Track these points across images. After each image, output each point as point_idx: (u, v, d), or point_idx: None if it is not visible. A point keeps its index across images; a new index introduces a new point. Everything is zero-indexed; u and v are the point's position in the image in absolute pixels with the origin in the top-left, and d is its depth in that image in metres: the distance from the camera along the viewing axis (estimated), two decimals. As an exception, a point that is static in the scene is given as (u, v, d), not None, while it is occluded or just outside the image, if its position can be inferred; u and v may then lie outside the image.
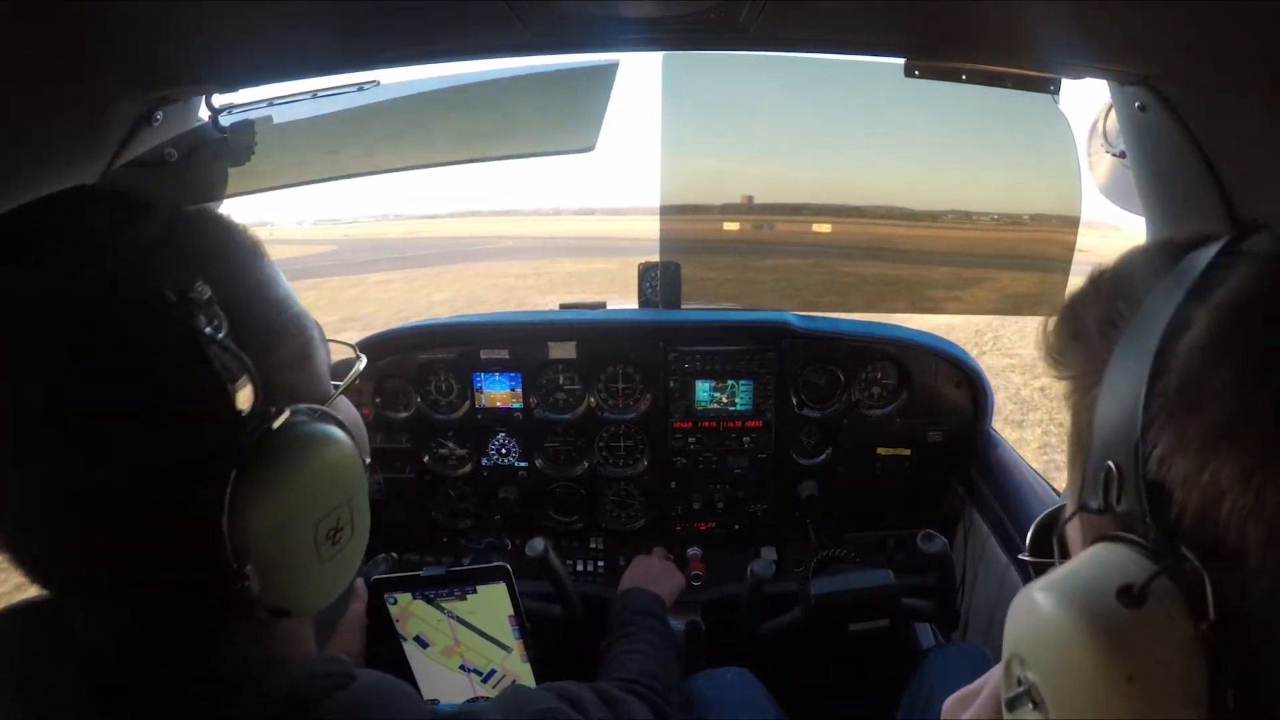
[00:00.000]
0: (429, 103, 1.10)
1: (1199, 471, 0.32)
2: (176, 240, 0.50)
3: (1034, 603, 0.36)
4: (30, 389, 0.44)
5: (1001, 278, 1.96)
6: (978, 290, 1.98)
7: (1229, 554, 0.31)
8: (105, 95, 0.84)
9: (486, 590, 1.22)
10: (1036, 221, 1.78)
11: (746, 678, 1.37)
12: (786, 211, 1.97)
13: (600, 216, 48.56)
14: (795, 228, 1.99)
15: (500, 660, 1.25)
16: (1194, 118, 0.86)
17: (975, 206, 1.85)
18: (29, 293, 0.45)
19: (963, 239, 1.89)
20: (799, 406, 1.79)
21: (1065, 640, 0.34)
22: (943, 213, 1.86)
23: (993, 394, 1.81)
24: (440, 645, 1.25)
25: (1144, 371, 0.34)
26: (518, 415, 1.80)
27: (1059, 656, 0.34)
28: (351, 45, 0.91)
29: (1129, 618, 0.32)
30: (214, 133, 1.00)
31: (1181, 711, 0.31)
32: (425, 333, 1.79)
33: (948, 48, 0.94)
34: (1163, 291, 0.37)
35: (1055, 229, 1.72)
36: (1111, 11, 0.74)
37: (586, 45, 0.96)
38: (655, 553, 1.81)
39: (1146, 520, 0.34)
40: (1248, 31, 0.68)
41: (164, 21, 0.71)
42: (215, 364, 0.46)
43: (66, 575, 0.50)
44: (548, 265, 17.68)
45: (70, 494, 0.46)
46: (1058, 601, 0.35)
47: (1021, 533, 1.45)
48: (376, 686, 0.59)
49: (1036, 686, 0.36)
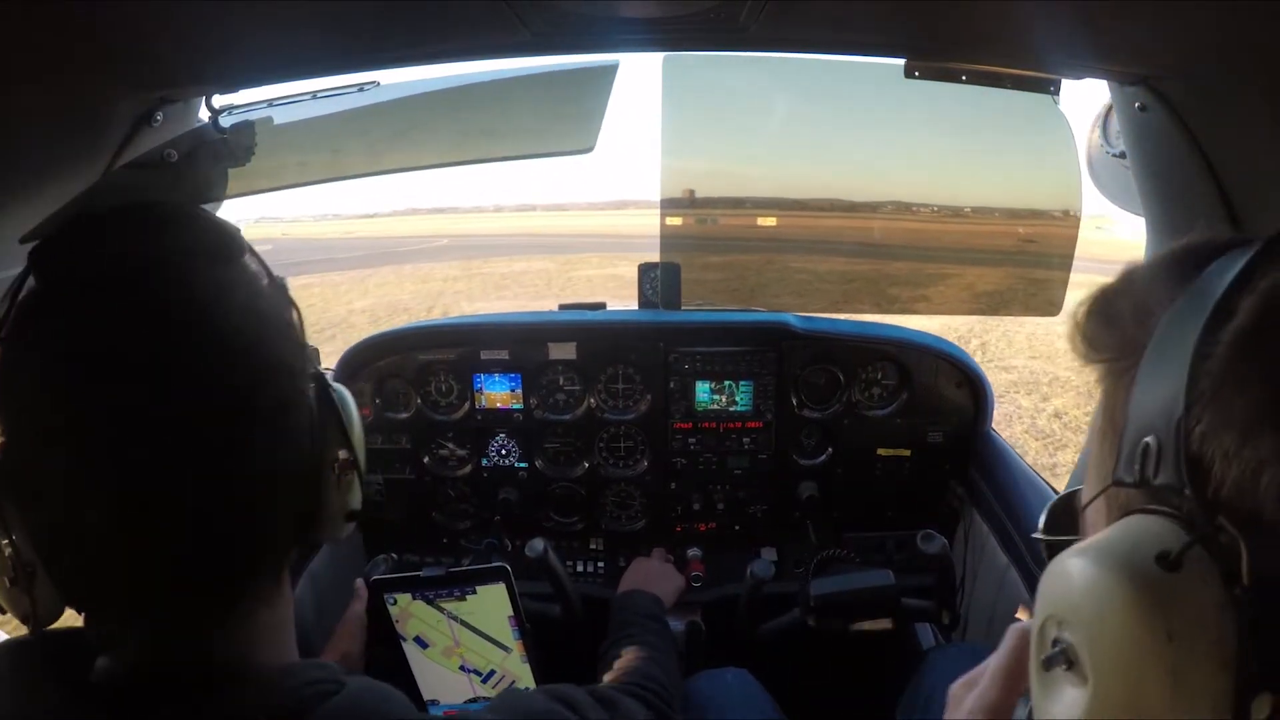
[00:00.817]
0: (429, 103, 1.10)
1: (1241, 446, 0.33)
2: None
3: (1073, 567, 0.38)
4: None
5: (966, 274, 1.95)
6: (944, 288, 1.96)
7: (1266, 524, 0.33)
8: (105, 95, 0.84)
9: (486, 591, 1.21)
10: (1023, 217, 1.76)
11: (746, 678, 1.37)
12: (728, 205, 1.93)
13: (541, 213, 47.28)
14: (740, 221, 1.96)
15: (500, 661, 1.25)
16: (1194, 118, 0.86)
17: (969, 203, 1.83)
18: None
19: (930, 233, 1.86)
20: (799, 407, 1.79)
21: (1106, 601, 0.35)
22: (911, 205, 1.84)
23: (993, 394, 1.81)
24: (440, 646, 1.25)
25: (1188, 353, 0.37)
26: (518, 416, 1.80)
27: (1099, 616, 0.36)
28: (351, 45, 0.91)
29: (1168, 579, 0.34)
30: (214, 133, 1.00)
31: (1213, 674, 0.33)
32: (425, 333, 1.79)
33: (948, 48, 0.94)
34: (1206, 282, 0.40)
35: (1038, 224, 1.71)
36: (1111, 12, 0.74)
37: (586, 45, 0.96)
38: (655, 554, 1.81)
39: (1184, 492, 0.35)
40: (1248, 32, 0.68)
41: (164, 21, 0.71)
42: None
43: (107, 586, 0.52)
44: (480, 266, 16.79)
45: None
46: (1098, 566, 0.36)
47: (1022, 533, 1.45)
48: (367, 692, 0.59)
49: (1073, 647, 0.37)
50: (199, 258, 0.54)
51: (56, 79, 0.73)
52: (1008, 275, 1.85)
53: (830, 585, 1.37)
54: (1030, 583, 1.36)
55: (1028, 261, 1.73)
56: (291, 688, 0.54)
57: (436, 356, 1.77)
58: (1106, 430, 0.44)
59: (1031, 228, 1.72)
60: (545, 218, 41.33)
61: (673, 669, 1.14)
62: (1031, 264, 1.73)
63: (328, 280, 14.29)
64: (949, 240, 1.84)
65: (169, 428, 0.49)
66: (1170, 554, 0.34)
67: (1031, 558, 1.39)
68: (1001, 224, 1.78)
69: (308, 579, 1.52)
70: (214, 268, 0.54)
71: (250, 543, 0.56)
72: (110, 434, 0.48)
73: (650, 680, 1.03)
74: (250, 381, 0.53)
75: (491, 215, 46.80)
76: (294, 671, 0.57)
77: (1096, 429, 0.46)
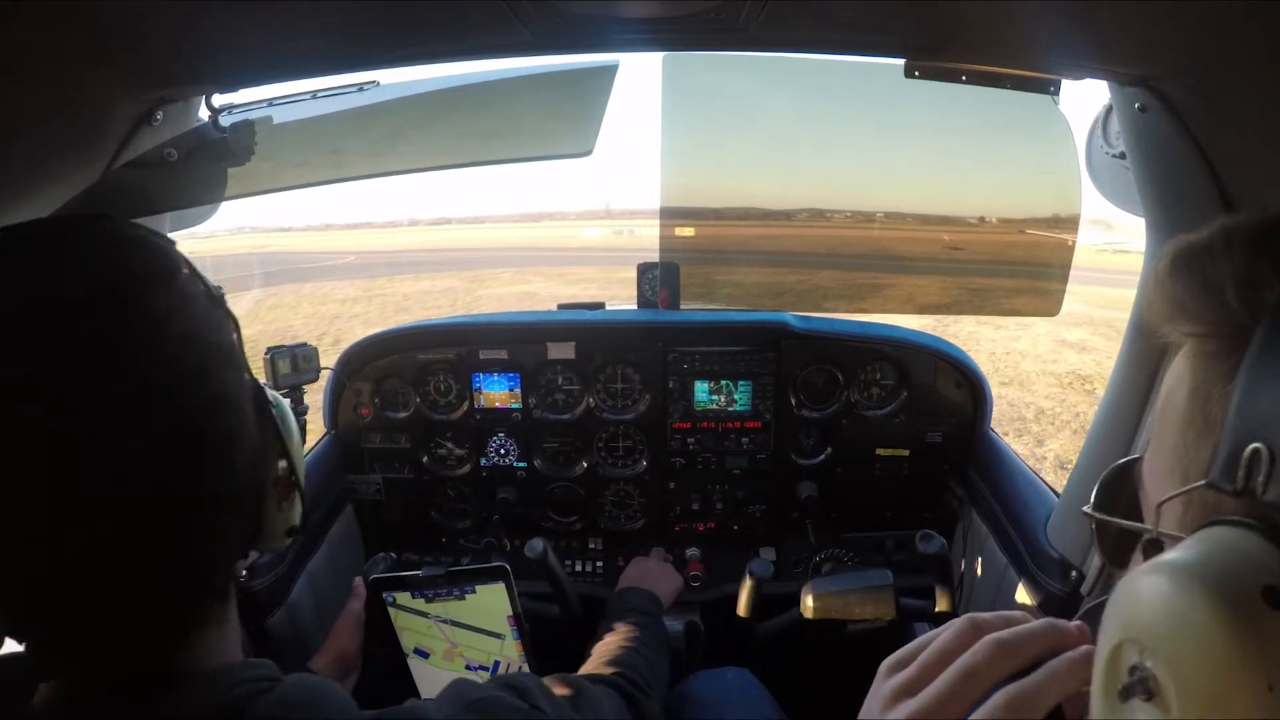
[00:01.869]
0: (429, 103, 1.10)
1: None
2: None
3: (1159, 588, 0.33)
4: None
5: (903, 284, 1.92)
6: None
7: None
8: (105, 95, 0.84)
9: (485, 590, 1.22)
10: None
11: (746, 678, 1.37)
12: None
13: (457, 225, 46.06)
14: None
15: (499, 649, 1.25)
16: (1194, 118, 0.86)
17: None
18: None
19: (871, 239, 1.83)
20: (798, 407, 1.79)
21: (1202, 635, 0.31)
22: (875, 213, 1.81)
23: (991, 395, 1.81)
24: (440, 651, 1.25)
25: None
26: (516, 415, 1.80)
27: (1193, 651, 0.31)
28: (351, 45, 0.91)
29: (1275, 620, 0.30)
30: (214, 133, 1.00)
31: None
32: (425, 333, 1.79)
33: (948, 48, 0.94)
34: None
35: (1039, 224, 1.70)
36: (1111, 12, 0.74)
37: (586, 45, 0.96)
38: (654, 553, 1.81)
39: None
40: (1247, 32, 0.68)
41: (164, 21, 0.71)
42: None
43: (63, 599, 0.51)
44: (383, 285, 16.10)
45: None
46: (1192, 592, 0.32)
47: (1021, 533, 1.45)
48: (301, 688, 0.59)
49: (1156, 678, 0.33)
50: (139, 284, 0.52)
51: (56, 79, 0.73)
52: (949, 285, 1.83)
53: (829, 585, 1.37)
54: (1030, 582, 1.37)
55: (1028, 263, 1.72)
56: (226, 686, 0.55)
57: (435, 356, 1.77)
58: (1195, 420, 0.39)
59: (1030, 227, 1.71)
60: (461, 231, 40.11)
61: (657, 659, 1.14)
62: (1033, 264, 1.73)
63: (231, 299, 13.69)
64: (931, 248, 1.82)
65: (126, 461, 0.49)
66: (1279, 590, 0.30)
67: (1030, 557, 1.40)
68: (992, 230, 1.77)
69: (307, 578, 1.52)
70: (156, 293, 0.53)
71: (199, 567, 0.56)
72: (63, 468, 0.47)
73: (627, 667, 1.02)
74: (200, 414, 0.53)
75: (406, 229, 45.31)
76: (230, 671, 0.57)
77: (1178, 413, 0.41)
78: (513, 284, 14.90)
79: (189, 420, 0.52)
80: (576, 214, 23.61)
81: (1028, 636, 0.47)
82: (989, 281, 1.80)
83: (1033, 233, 1.72)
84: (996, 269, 1.80)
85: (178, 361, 0.52)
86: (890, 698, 0.49)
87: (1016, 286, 1.82)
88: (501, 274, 16.27)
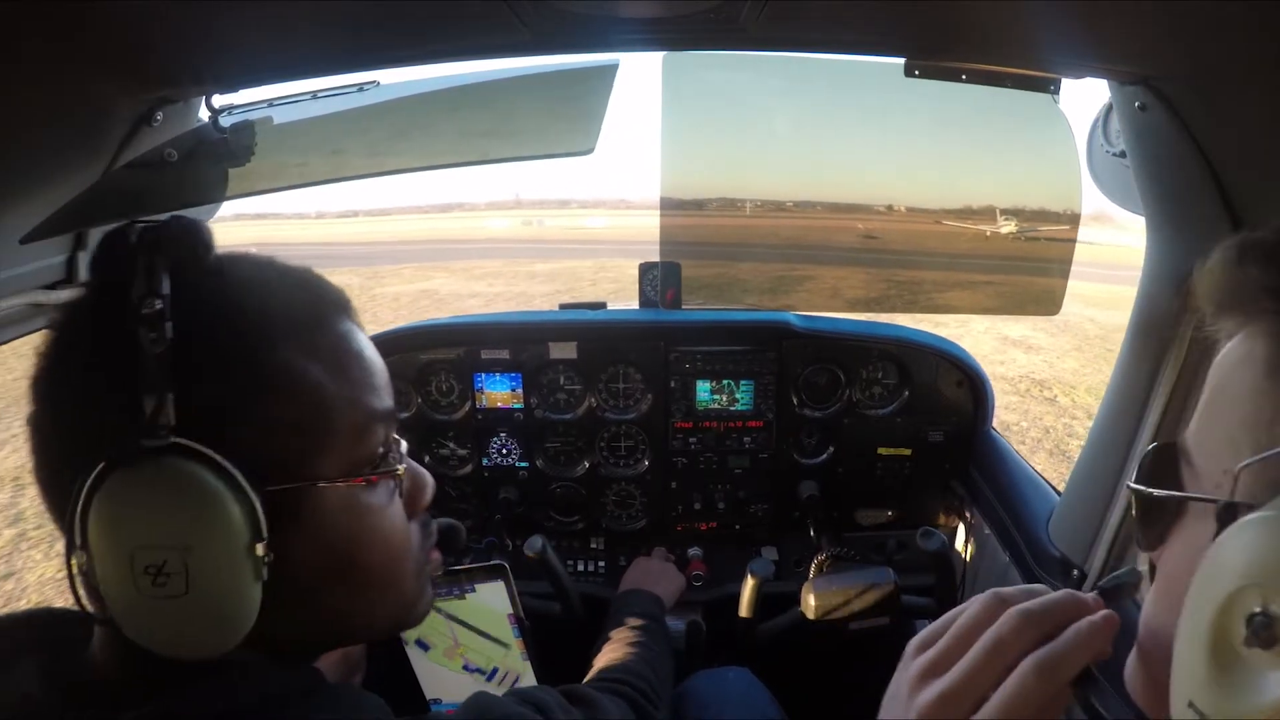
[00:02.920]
0: (429, 103, 1.10)
1: None
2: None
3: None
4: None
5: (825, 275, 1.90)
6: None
7: None
8: (105, 95, 0.84)
9: (485, 589, 1.22)
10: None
11: (746, 678, 1.37)
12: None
13: (364, 218, 43.06)
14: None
15: (501, 658, 1.26)
16: (1194, 118, 0.86)
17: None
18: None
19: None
20: (799, 406, 1.79)
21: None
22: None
23: (993, 393, 1.81)
24: (441, 647, 1.25)
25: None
26: (518, 415, 1.80)
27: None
28: (351, 45, 0.91)
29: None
30: (214, 133, 0.99)
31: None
32: (425, 333, 1.79)
33: (948, 48, 0.94)
34: None
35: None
36: (1112, 12, 0.74)
37: (586, 45, 0.96)
38: (656, 553, 1.81)
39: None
40: (1247, 32, 0.68)
41: (164, 21, 0.71)
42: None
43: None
44: None
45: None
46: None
47: (1022, 532, 1.45)
48: (344, 695, 0.59)
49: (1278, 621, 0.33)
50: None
51: (56, 79, 0.73)
52: (873, 277, 1.82)
53: (830, 584, 1.37)
54: (1031, 581, 1.36)
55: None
56: (272, 685, 0.55)
57: (437, 356, 1.77)
58: (1272, 391, 0.41)
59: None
60: (369, 223, 37.99)
61: (662, 666, 1.14)
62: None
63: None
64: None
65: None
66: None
67: (1032, 556, 1.40)
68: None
69: None
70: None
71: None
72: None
73: (635, 677, 1.02)
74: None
75: (313, 222, 42.07)
76: (274, 673, 0.56)
77: (1246, 388, 0.42)
78: (414, 280, 13.86)
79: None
80: (485, 204, 22.11)
81: (1051, 605, 0.48)
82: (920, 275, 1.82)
83: (949, 224, 1.72)
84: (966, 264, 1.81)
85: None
86: (918, 678, 0.49)
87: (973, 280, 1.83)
88: (404, 269, 15.20)
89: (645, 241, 1.64)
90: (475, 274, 14.04)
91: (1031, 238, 1.70)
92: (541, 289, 2.83)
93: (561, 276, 3.26)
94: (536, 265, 2.85)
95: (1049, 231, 1.65)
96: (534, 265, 3.13)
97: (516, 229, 23.51)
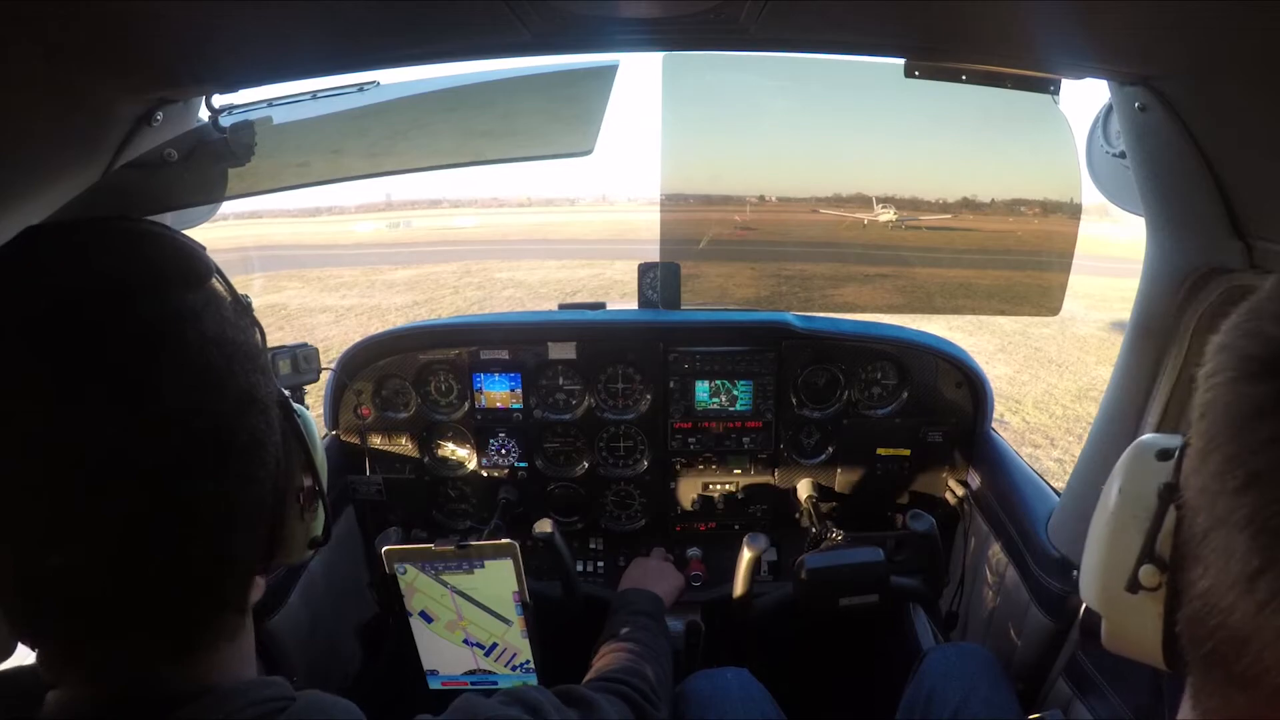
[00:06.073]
0: (429, 103, 1.10)
1: None
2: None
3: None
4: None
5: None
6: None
7: None
8: (105, 95, 0.83)
9: (494, 565, 1.24)
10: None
11: (746, 678, 1.37)
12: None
13: (233, 221, 40.31)
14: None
15: (502, 634, 1.29)
16: (1194, 118, 0.86)
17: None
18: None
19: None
20: (799, 407, 1.79)
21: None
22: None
23: (992, 394, 1.81)
24: (444, 620, 1.29)
25: None
26: (517, 415, 1.80)
27: None
28: (351, 45, 0.91)
29: None
30: (214, 133, 0.99)
31: None
32: (426, 333, 1.79)
33: (948, 48, 0.94)
34: None
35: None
36: (1111, 11, 0.74)
37: (586, 45, 0.96)
38: (655, 553, 1.81)
39: None
40: (1248, 32, 0.68)
41: (164, 21, 0.71)
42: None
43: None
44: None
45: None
46: None
47: (1021, 532, 1.45)
48: (314, 707, 0.58)
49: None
50: (168, 284, 0.52)
51: (56, 79, 0.73)
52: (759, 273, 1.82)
53: (823, 560, 1.38)
54: (1030, 581, 1.37)
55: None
56: (238, 707, 0.53)
57: (436, 356, 1.77)
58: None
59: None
60: (235, 227, 33.61)
61: (662, 667, 1.14)
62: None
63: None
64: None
65: (146, 462, 0.48)
66: None
67: (1031, 556, 1.40)
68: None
69: (306, 579, 1.52)
70: (184, 294, 0.53)
71: (215, 579, 0.55)
72: (89, 469, 0.46)
73: (634, 677, 1.02)
74: (226, 415, 0.52)
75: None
76: (242, 691, 0.55)
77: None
78: (264, 294, 12.75)
79: (214, 421, 0.51)
80: (355, 207, 20.79)
81: None
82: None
83: (825, 212, 1.71)
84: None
85: (205, 361, 0.51)
86: None
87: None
88: (253, 280, 13.84)
89: (518, 241, 1.59)
90: (330, 284, 13.17)
91: (912, 226, 1.70)
92: (399, 300, 2.69)
93: (421, 285, 3.10)
94: (398, 273, 2.74)
95: (929, 220, 1.64)
96: (395, 272, 3.01)
97: (382, 232, 22.60)
